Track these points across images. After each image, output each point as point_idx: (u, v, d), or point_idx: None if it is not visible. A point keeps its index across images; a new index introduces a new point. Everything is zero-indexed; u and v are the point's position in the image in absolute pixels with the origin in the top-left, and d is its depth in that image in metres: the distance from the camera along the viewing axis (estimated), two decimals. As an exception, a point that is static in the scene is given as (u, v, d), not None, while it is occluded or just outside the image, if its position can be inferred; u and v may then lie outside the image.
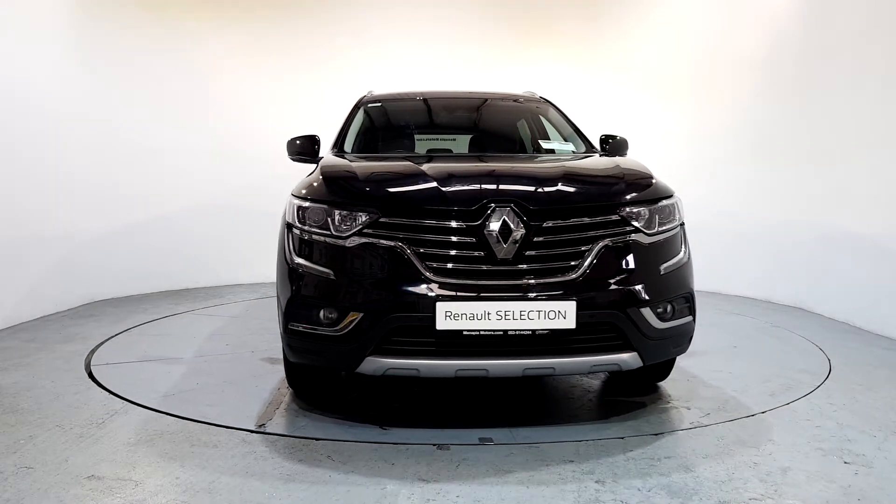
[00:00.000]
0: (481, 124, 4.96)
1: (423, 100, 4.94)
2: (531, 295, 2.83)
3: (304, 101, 7.45)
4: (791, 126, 6.14)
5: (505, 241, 2.88)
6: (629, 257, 3.01)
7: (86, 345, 4.70)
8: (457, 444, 2.95)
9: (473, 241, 2.89)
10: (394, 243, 2.90)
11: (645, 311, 2.96)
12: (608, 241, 2.98)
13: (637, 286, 2.97)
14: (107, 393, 3.67)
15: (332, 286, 2.96)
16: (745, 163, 6.67)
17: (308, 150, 4.07)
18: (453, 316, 2.79)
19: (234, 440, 3.01)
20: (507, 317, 2.80)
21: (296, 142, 4.09)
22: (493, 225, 2.89)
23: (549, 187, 3.11)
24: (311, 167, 3.76)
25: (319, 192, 3.18)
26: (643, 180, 3.32)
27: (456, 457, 2.83)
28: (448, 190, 3.04)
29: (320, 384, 3.59)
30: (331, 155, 4.01)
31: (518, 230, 2.89)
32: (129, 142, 6.64)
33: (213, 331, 5.20)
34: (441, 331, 2.80)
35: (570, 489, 2.53)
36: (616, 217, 3.05)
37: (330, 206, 3.06)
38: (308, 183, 3.32)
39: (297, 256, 3.10)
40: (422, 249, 2.89)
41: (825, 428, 3.17)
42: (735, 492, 2.51)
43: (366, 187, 3.16)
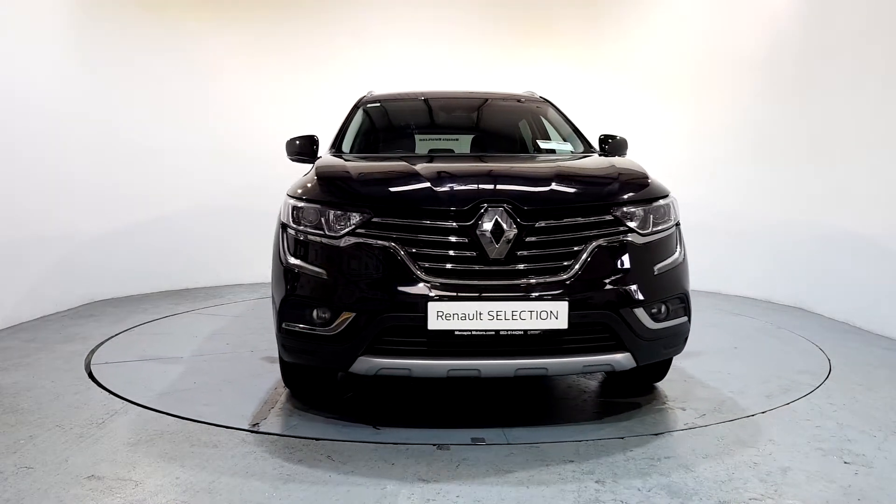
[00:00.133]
0: (481, 124, 4.94)
1: (423, 100, 4.93)
2: (523, 295, 2.83)
3: (304, 101, 7.45)
4: (791, 126, 6.14)
5: (497, 241, 2.87)
6: (623, 257, 2.99)
7: (86, 345, 4.70)
8: (455, 444, 2.95)
9: (466, 241, 2.89)
10: (386, 243, 2.90)
11: (638, 312, 2.95)
12: (601, 242, 2.97)
13: (630, 286, 2.96)
14: (107, 393, 3.67)
15: (326, 286, 2.96)
16: (744, 163, 6.68)
17: (307, 150, 4.06)
18: (445, 316, 2.79)
19: (233, 440, 3.01)
20: (499, 317, 2.80)
21: (295, 142, 4.08)
22: (486, 225, 2.88)
23: (542, 187, 3.10)
24: (310, 167, 3.76)
25: (314, 193, 3.18)
26: (638, 180, 3.30)
27: (456, 457, 2.83)
28: (440, 190, 3.04)
29: (316, 384, 3.59)
30: (328, 155, 4.01)
31: (510, 230, 2.89)
32: (129, 142, 6.65)
33: (213, 330, 5.20)
34: (433, 331, 2.80)
35: (570, 489, 2.53)
36: (610, 217, 3.03)
37: (324, 206, 3.06)
38: (303, 183, 3.33)
39: (291, 256, 3.10)
40: (414, 249, 2.88)
41: (825, 428, 3.17)
42: (735, 492, 2.51)
43: (359, 187, 3.17)
